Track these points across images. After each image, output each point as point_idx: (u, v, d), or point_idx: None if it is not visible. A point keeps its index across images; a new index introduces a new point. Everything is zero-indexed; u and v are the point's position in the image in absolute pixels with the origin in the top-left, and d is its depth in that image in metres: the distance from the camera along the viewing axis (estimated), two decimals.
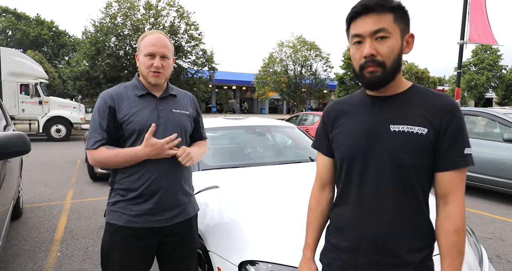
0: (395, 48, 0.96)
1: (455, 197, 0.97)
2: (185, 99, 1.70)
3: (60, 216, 4.24)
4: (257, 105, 41.25)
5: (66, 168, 7.54)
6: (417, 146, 0.96)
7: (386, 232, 1.00)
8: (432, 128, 0.96)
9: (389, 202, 0.99)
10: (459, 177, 0.98)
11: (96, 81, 17.86)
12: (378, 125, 1.01)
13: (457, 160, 0.96)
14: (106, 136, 1.49)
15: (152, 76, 1.53)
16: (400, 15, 0.97)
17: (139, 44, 1.56)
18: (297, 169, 2.75)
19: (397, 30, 0.96)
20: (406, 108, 1.00)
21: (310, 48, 23.73)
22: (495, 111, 5.50)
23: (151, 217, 1.52)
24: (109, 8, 17.34)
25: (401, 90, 1.03)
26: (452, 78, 35.50)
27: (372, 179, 1.01)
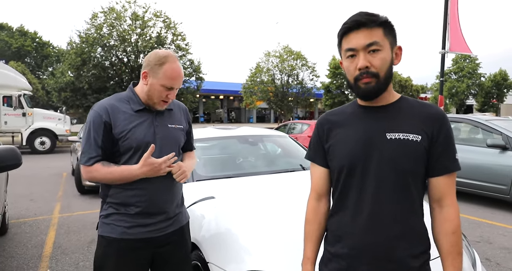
0: (387, 60, 1.02)
1: (450, 200, 1.04)
2: (179, 112, 1.70)
3: (48, 231, 4.13)
4: (245, 115, 41.35)
5: (51, 181, 7.36)
6: (414, 152, 1.01)
7: (386, 238, 1.02)
8: (425, 135, 1.02)
9: (389, 207, 1.02)
10: (452, 180, 1.05)
11: (81, 92, 17.60)
12: (374, 133, 1.04)
13: (450, 164, 1.03)
14: (101, 152, 1.47)
15: (161, 104, 1.54)
16: (388, 29, 1.04)
17: (155, 68, 1.48)
18: (291, 178, 2.77)
19: (387, 43, 1.03)
20: (399, 117, 1.06)
21: (296, 58, 24.08)
22: (478, 118, 5.69)
23: (144, 228, 1.52)
24: (94, 19, 17.24)
25: (392, 100, 1.09)
26: (434, 86, 36.49)
27: (371, 185, 1.03)
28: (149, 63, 1.50)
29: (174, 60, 1.51)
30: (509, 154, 4.87)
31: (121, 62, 18.10)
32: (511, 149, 4.88)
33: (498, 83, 32.38)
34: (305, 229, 1.24)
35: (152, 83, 1.50)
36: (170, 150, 1.56)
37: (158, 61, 1.49)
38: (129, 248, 1.51)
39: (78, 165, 6.14)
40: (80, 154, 1.52)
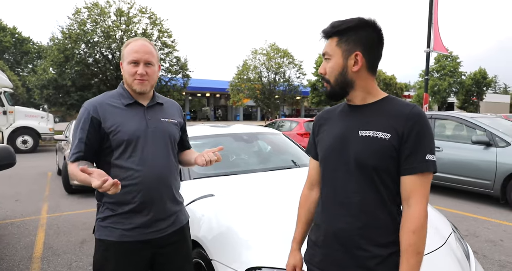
0: (335, 68, 1.12)
1: (415, 200, 1.04)
2: (172, 108, 1.69)
3: (37, 232, 4.03)
4: (231, 113, 41.23)
5: (36, 181, 7.18)
6: (379, 149, 1.05)
7: (354, 226, 1.10)
8: (396, 134, 1.04)
9: (356, 199, 1.09)
10: (420, 181, 1.04)
11: (64, 89, 17.15)
12: (349, 130, 1.13)
13: (418, 165, 1.03)
14: (84, 148, 1.44)
15: (137, 84, 1.49)
16: (347, 37, 1.09)
17: (123, 52, 1.52)
18: (287, 175, 2.80)
19: (339, 52, 1.10)
20: (375, 116, 1.10)
21: (283, 56, 24.11)
22: (463, 115, 5.86)
23: (145, 229, 1.48)
24: (78, 14, 16.81)
25: (373, 100, 1.14)
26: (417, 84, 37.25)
27: (341, 178, 1.13)
28: (121, 53, 1.56)
29: (137, 39, 1.54)
30: (492, 150, 5.04)
31: (106, 59, 17.73)
32: (494, 145, 5.05)
33: (478, 82, 33.37)
34: (297, 213, 1.37)
35: (123, 67, 1.53)
36: (164, 143, 1.55)
37: (124, 46, 1.54)
38: (128, 250, 1.47)
39: (64, 164, 6.00)
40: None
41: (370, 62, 1.11)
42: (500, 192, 4.90)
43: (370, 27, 1.09)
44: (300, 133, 8.81)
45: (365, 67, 1.11)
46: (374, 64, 1.13)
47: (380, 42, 1.12)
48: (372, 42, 1.10)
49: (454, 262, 1.75)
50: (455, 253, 1.84)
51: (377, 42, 1.11)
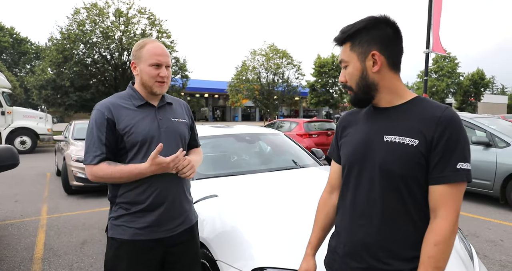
0: (354, 72, 1.06)
1: (443, 212, 0.95)
2: (180, 107, 1.70)
3: (37, 233, 4.02)
4: (230, 113, 41.22)
5: (35, 182, 7.15)
6: (405, 156, 0.97)
7: (374, 238, 1.03)
8: (424, 140, 0.96)
9: (378, 209, 1.03)
10: (450, 191, 0.95)
11: (63, 90, 17.12)
12: (374, 135, 1.06)
13: (448, 174, 0.94)
14: (105, 150, 1.45)
15: (157, 86, 1.52)
16: (359, 39, 1.04)
17: (138, 53, 1.52)
18: (290, 176, 2.80)
19: (354, 57, 1.05)
20: (402, 120, 1.02)
21: (282, 56, 24.13)
22: (463, 115, 5.88)
23: (157, 228, 1.50)
24: (76, 15, 16.77)
25: (400, 102, 1.05)
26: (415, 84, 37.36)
27: (364, 186, 1.06)
28: (133, 54, 1.55)
29: (153, 41, 1.55)
30: (492, 150, 5.06)
31: (104, 59, 17.70)
32: (494, 146, 5.07)
33: (476, 82, 33.48)
34: (315, 217, 1.32)
35: (141, 69, 1.52)
36: (175, 143, 1.56)
37: (138, 46, 1.53)
38: (141, 249, 1.49)
39: (64, 164, 5.99)
40: (84, 153, 1.49)
41: (390, 59, 1.04)
42: (500, 192, 4.92)
43: (382, 23, 1.03)
44: (299, 134, 8.81)
45: (386, 65, 1.04)
46: (396, 60, 1.05)
47: (397, 36, 1.04)
48: (388, 38, 1.03)
49: (458, 262, 1.75)
50: (459, 253, 1.84)
51: (393, 37, 1.04)
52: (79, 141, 6.65)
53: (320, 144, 8.54)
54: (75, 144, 6.45)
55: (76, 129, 7.32)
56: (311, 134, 8.84)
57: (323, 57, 29.07)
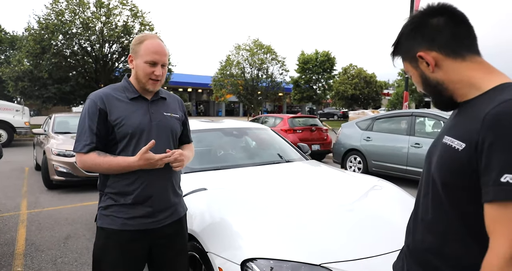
0: (417, 80, 0.99)
1: (492, 240, 0.74)
2: (174, 103, 1.72)
3: (17, 228, 3.91)
4: (213, 108, 40.97)
5: (13, 176, 6.93)
6: (449, 163, 0.84)
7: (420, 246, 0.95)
8: (469, 144, 0.78)
9: (427, 217, 0.93)
10: (497, 211, 0.72)
11: (41, 82, 16.51)
12: (439, 135, 0.95)
13: (491, 189, 0.73)
14: (95, 139, 1.48)
15: (151, 84, 1.54)
16: (403, 48, 0.97)
17: (136, 48, 1.53)
18: (277, 169, 2.85)
19: (409, 66, 0.99)
20: (462, 117, 0.87)
21: (266, 52, 24.13)
22: (442, 112, 6.08)
23: (145, 219, 1.53)
24: (55, 4, 16.18)
25: (476, 94, 0.87)
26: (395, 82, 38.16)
27: (421, 189, 0.99)
28: (131, 47, 1.55)
29: (153, 37, 1.54)
30: None
31: (85, 51, 17.19)
32: None
33: None
34: None
35: (136, 64, 1.53)
36: (166, 138, 1.59)
37: (137, 41, 1.53)
38: (129, 239, 1.52)
39: (44, 158, 5.83)
40: (75, 141, 1.52)
41: (444, 50, 0.89)
42: None
43: (418, 19, 0.93)
44: (284, 129, 8.87)
45: (444, 58, 0.89)
46: (455, 48, 0.88)
47: (447, 21, 0.89)
48: (432, 30, 0.90)
49: None
50: None
51: (441, 25, 0.89)
52: (60, 134, 6.48)
53: (304, 139, 8.64)
54: (55, 137, 6.28)
55: (56, 122, 7.12)
56: (295, 130, 8.93)
57: (307, 54, 29.28)
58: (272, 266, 1.60)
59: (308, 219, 1.93)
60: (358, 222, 1.96)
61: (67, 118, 7.45)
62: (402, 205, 2.36)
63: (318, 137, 9.11)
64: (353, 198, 2.36)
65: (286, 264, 1.60)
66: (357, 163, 7.14)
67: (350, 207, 2.17)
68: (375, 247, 1.75)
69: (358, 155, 7.11)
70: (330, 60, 28.92)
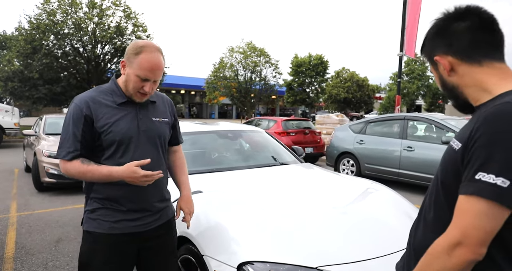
0: (437, 83, 1.02)
1: (449, 225, 0.81)
2: (163, 105, 1.67)
3: (7, 231, 3.84)
4: (206, 110, 40.86)
5: (2, 178, 6.80)
6: (447, 162, 0.88)
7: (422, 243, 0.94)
8: (463, 143, 0.82)
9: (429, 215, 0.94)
10: (461, 203, 0.79)
11: (31, 82, 16.29)
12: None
13: (466, 184, 0.78)
14: (79, 146, 1.43)
15: (138, 96, 1.48)
16: (425, 52, 1.01)
17: (131, 58, 1.43)
18: (273, 172, 2.85)
19: (431, 67, 1.02)
20: (469, 121, 0.89)
21: (260, 55, 24.21)
22: (434, 116, 6.16)
23: (132, 222, 1.51)
24: (47, 4, 16.01)
25: (487, 99, 0.88)
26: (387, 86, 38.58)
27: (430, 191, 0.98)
28: (127, 52, 1.46)
29: (151, 51, 1.43)
30: None
31: (77, 52, 17.02)
32: None
33: None
34: None
35: (128, 73, 1.46)
36: (153, 145, 1.55)
37: (134, 50, 1.43)
38: (116, 242, 1.50)
39: (35, 160, 5.74)
40: (58, 147, 1.47)
41: (459, 54, 0.90)
42: None
43: (441, 22, 0.94)
44: (278, 132, 8.89)
45: (459, 63, 0.90)
46: (471, 53, 0.89)
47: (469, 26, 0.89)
48: (450, 35, 0.90)
49: None
50: None
51: (461, 29, 0.89)
52: (51, 135, 6.39)
53: (298, 142, 8.67)
54: (46, 139, 6.19)
55: (47, 123, 7.02)
56: (289, 133, 8.95)
57: (300, 57, 29.42)
58: (268, 269, 1.60)
59: (304, 221, 1.93)
60: (354, 225, 1.97)
61: (58, 120, 7.35)
62: (396, 207, 2.39)
63: (311, 139, 9.14)
64: (348, 200, 2.37)
65: (282, 267, 1.60)
66: (350, 165, 7.18)
67: (345, 210, 2.18)
68: (371, 249, 1.76)
69: (351, 158, 7.15)
70: (323, 64, 29.11)
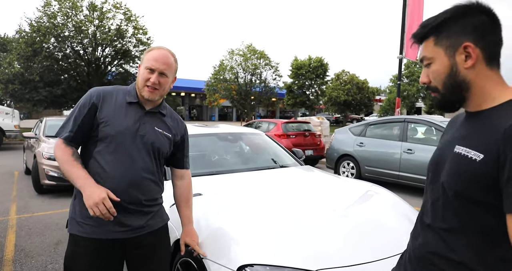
0: (440, 71, 0.92)
1: None
2: (172, 121, 1.66)
3: (6, 233, 3.84)
4: (207, 113, 40.88)
5: (2, 181, 6.81)
6: (465, 173, 0.84)
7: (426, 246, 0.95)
8: (490, 155, 0.80)
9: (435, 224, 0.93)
10: None
11: (31, 85, 16.34)
12: (448, 144, 0.95)
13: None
14: (75, 129, 1.48)
15: (147, 91, 1.51)
16: (446, 31, 0.90)
17: (144, 56, 1.56)
18: (273, 175, 2.85)
19: (441, 51, 0.91)
20: (477, 128, 0.88)
21: (260, 57, 24.23)
22: (433, 119, 6.17)
23: (116, 227, 1.48)
24: (48, 7, 16.07)
25: (490, 105, 0.88)
26: (387, 88, 38.61)
27: (429, 195, 0.99)
28: (142, 56, 1.57)
29: (161, 48, 1.55)
30: None
31: (77, 54, 17.07)
32: None
33: None
34: None
35: (139, 70, 1.56)
36: (147, 153, 1.54)
37: (147, 50, 1.57)
38: (98, 247, 1.48)
39: (34, 163, 5.74)
40: (60, 126, 1.54)
41: (486, 52, 0.87)
42: None
43: (474, 10, 0.88)
44: (278, 134, 8.89)
45: (482, 59, 0.88)
46: (494, 54, 0.88)
47: (494, 24, 0.88)
48: (484, 27, 0.87)
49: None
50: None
51: (490, 25, 0.88)
52: (51, 138, 6.40)
53: (298, 144, 8.67)
54: (47, 141, 6.19)
55: (47, 126, 7.03)
56: (289, 135, 8.96)
57: (300, 60, 29.48)
58: None
59: (303, 224, 1.93)
60: (354, 228, 1.97)
61: (59, 122, 7.36)
62: (396, 210, 2.38)
63: (311, 142, 9.15)
64: (348, 203, 2.37)
65: (282, 270, 1.60)
66: (350, 168, 7.18)
67: (345, 212, 2.18)
68: (371, 252, 1.76)
69: (351, 160, 7.15)
70: (323, 66, 29.16)
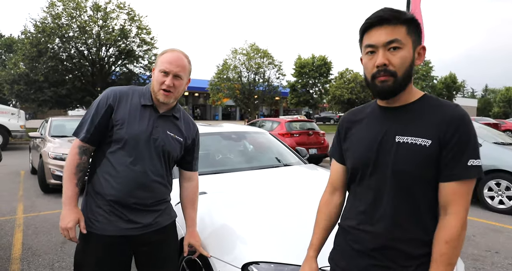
0: (407, 59, 1.00)
1: (454, 209, 0.97)
2: (185, 125, 1.67)
3: (14, 232, 3.88)
4: (210, 112, 40.96)
5: (8, 180, 6.87)
6: (419, 158, 0.98)
7: (384, 237, 1.04)
8: (437, 140, 0.97)
9: (389, 209, 1.03)
10: (461, 188, 0.96)
11: (37, 85, 16.45)
12: (385, 136, 1.04)
13: (459, 172, 0.96)
14: (93, 130, 1.50)
15: (162, 94, 1.51)
16: (412, 27, 1.01)
17: (157, 59, 1.55)
18: (277, 173, 2.86)
19: (410, 42, 1.00)
20: (413, 119, 1.02)
21: (263, 56, 24.23)
22: None
23: (125, 225, 1.51)
24: (52, 7, 16.17)
25: (411, 100, 1.05)
26: None
27: (376, 187, 1.06)
28: (156, 59, 1.58)
29: (174, 50, 1.55)
30: None
31: (81, 54, 17.17)
32: None
33: (448, 86, 34.92)
34: (316, 218, 1.31)
35: (154, 74, 1.55)
36: (158, 156, 1.56)
37: (160, 53, 1.56)
38: (109, 243, 1.50)
39: (40, 162, 5.79)
40: (77, 126, 1.55)
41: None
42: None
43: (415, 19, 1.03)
44: (281, 133, 8.89)
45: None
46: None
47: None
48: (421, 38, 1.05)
49: None
50: None
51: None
52: (56, 137, 6.45)
53: (302, 143, 8.66)
54: (52, 141, 6.25)
55: (53, 126, 7.09)
56: (292, 134, 8.96)
57: (303, 58, 29.44)
58: (273, 269, 1.60)
59: (308, 222, 1.92)
60: None
61: (64, 122, 7.42)
62: None
63: (315, 140, 9.14)
64: None
65: (287, 267, 1.61)
66: None
67: None
68: None
69: None
70: (327, 65, 29.11)
